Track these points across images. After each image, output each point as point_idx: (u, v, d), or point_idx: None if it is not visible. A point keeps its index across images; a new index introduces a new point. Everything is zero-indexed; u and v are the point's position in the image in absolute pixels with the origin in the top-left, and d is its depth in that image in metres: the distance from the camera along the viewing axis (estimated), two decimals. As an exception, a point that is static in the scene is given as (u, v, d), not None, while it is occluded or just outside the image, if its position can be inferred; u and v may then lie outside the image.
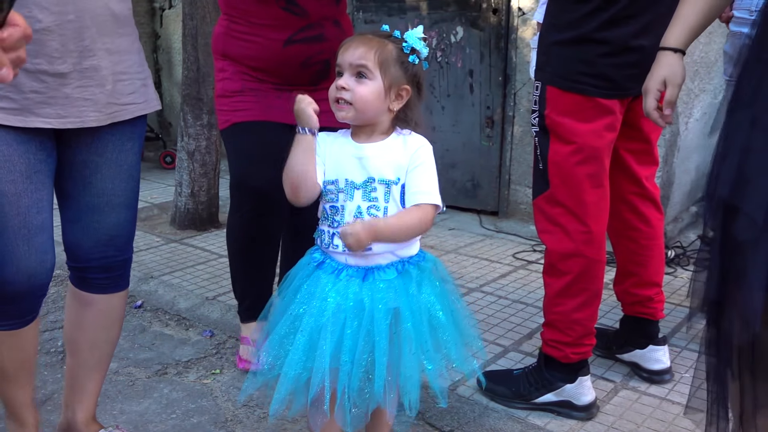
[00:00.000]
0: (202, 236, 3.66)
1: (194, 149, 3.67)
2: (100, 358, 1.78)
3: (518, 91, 3.72)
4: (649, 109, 1.59)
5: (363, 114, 1.40)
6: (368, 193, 1.41)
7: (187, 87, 3.64)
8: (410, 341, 1.37)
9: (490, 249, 3.46)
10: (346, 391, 1.35)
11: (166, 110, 6.22)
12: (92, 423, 1.80)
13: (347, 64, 1.39)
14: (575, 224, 1.83)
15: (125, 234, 1.70)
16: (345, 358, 1.35)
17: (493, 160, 3.89)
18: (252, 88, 2.06)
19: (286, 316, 1.42)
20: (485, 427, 1.90)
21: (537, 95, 1.86)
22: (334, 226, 1.43)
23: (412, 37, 1.41)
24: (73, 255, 1.66)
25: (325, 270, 1.43)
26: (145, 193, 4.59)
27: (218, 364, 2.33)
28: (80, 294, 1.72)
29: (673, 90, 1.55)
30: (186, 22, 3.61)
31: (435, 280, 1.46)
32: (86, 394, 1.78)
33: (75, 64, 1.46)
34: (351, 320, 1.37)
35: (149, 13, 6.09)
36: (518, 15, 3.65)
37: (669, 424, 1.90)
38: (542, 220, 1.90)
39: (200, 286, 2.93)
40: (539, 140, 1.87)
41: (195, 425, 1.96)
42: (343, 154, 1.44)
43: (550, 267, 1.90)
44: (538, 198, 1.90)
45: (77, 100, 1.48)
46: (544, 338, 1.95)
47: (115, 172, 1.63)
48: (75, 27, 1.45)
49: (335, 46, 1.89)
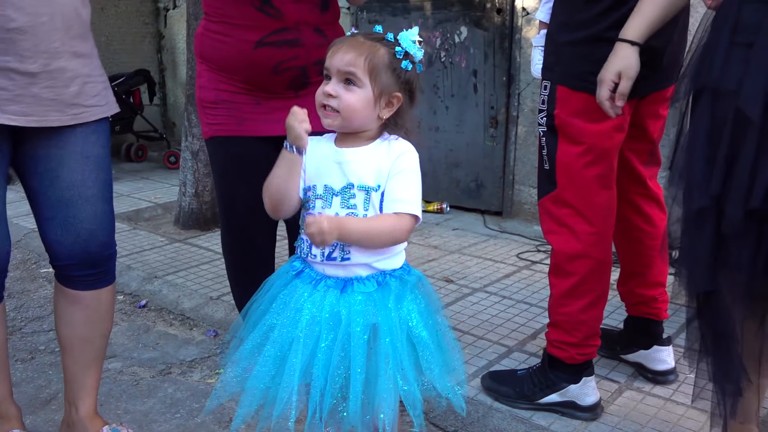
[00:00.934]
0: (206, 236, 3.67)
1: (198, 149, 3.68)
2: (95, 353, 1.79)
3: (522, 91, 3.72)
4: (602, 99, 1.63)
5: (350, 122, 1.33)
6: (347, 200, 1.34)
7: (191, 87, 3.64)
8: (387, 358, 1.29)
9: (494, 249, 3.46)
10: (318, 409, 1.27)
11: (170, 110, 6.23)
12: (95, 418, 1.80)
13: (335, 70, 1.31)
14: (583, 225, 1.82)
15: (104, 227, 1.70)
16: (318, 374, 1.28)
17: (497, 160, 3.89)
18: (225, 99, 1.96)
19: (260, 325, 1.37)
20: (489, 427, 1.90)
21: (546, 95, 1.84)
22: None
23: (405, 39, 1.33)
24: (55, 253, 1.67)
25: (303, 279, 1.37)
26: (149, 193, 4.60)
27: (222, 363, 2.33)
28: (67, 291, 1.73)
29: (626, 82, 1.59)
30: (190, 22, 3.62)
31: (418, 296, 1.38)
32: (86, 389, 1.79)
33: (44, 65, 1.51)
34: (326, 333, 1.30)
35: (153, 13, 6.10)
36: (522, 15, 3.65)
37: (674, 425, 1.89)
38: (548, 220, 1.89)
39: (204, 286, 2.93)
40: (547, 140, 1.86)
41: (199, 425, 1.96)
42: (323, 159, 1.38)
43: (556, 268, 1.89)
44: (544, 198, 1.89)
45: (44, 99, 1.52)
46: (548, 339, 1.95)
47: (82, 163, 1.63)
48: (47, 29, 1.49)
49: (314, 54, 1.82)
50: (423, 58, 1.37)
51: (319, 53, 1.87)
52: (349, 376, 1.27)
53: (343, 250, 1.35)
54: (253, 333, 1.37)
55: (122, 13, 5.88)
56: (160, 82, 6.14)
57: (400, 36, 1.34)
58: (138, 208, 4.24)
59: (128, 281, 3.03)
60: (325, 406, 1.27)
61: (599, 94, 1.63)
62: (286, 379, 1.29)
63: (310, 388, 1.29)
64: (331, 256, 1.36)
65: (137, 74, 5.38)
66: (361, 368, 1.27)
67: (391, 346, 1.29)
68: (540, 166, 1.91)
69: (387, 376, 1.28)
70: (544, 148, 1.87)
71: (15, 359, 2.32)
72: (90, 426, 1.77)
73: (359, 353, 1.28)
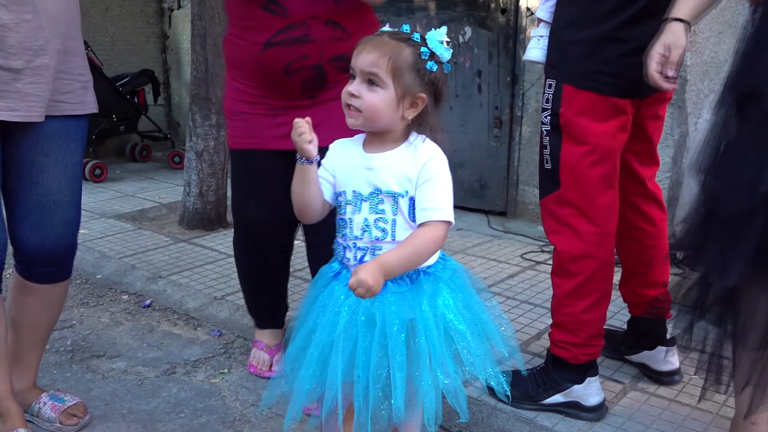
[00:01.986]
0: (210, 236, 3.67)
1: (203, 149, 3.68)
2: (42, 336, 1.92)
3: (526, 91, 3.71)
4: (650, 72, 1.58)
5: (373, 123, 1.34)
6: (375, 206, 1.36)
7: (196, 87, 3.65)
8: (425, 355, 1.31)
9: (498, 249, 3.46)
10: (362, 407, 1.31)
11: (174, 110, 6.24)
12: (33, 389, 1.94)
13: (359, 70, 1.32)
14: (587, 225, 1.82)
15: (71, 230, 1.80)
16: (360, 374, 1.31)
17: (501, 160, 3.89)
18: (242, 111, 1.94)
19: (303, 327, 1.41)
20: (493, 427, 1.89)
21: (550, 93, 1.82)
22: (345, 240, 1.40)
23: (433, 40, 1.32)
24: (21, 250, 1.75)
25: (340, 281, 1.39)
26: (154, 193, 4.61)
27: (226, 363, 2.33)
28: (25, 283, 1.82)
29: (677, 51, 1.57)
30: (195, 23, 3.62)
31: (454, 289, 1.39)
32: (27, 366, 1.92)
33: (28, 62, 1.56)
34: (363, 335, 1.32)
35: (158, 14, 6.11)
36: (527, 15, 3.65)
37: (678, 426, 1.89)
38: (551, 220, 1.89)
39: (208, 286, 2.93)
40: (550, 140, 1.84)
41: (203, 424, 1.97)
42: (352, 165, 1.39)
43: (559, 268, 1.89)
44: (546, 198, 1.89)
45: (28, 95, 1.58)
46: (552, 339, 1.94)
47: (61, 172, 1.72)
48: (32, 26, 1.55)
49: (328, 50, 1.76)
50: (451, 58, 1.36)
51: (335, 48, 1.81)
52: (390, 375, 1.30)
53: (373, 253, 1.37)
54: (298, 334, 1.41)
55: (127, 13, 5.89)
56: (164, 82, 6.15)
57: (427, 36, 1.32)
58: (142, 208, 4.25)
59: (132, 281, 3.03)
60: (369, 404, 1.30)
61: (648, 68, 1.59)
62: (330, 379, 1.32)
63: (354, 388, 1.32)
64: (363, 260, 1.37)
65: (142, 74, 5.39)
66: (401, 366, 1.29)
67: (428, 343, 1.31)
68: (541, 166, 1.90)
69: (427, 373, 1.30)
70: (547, 147, 1.85)
71: (20, 359, 2.33)
72: (28, 396, 1.91)
73: (398, 352, 1.30)
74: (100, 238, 3.60)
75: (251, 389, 2.15)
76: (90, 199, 4.38)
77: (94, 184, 4.78)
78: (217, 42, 3.57)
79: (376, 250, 1.37)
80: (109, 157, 5.56)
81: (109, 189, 4.73)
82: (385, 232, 1.36)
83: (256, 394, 2.11)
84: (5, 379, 1.76)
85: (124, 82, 5.25)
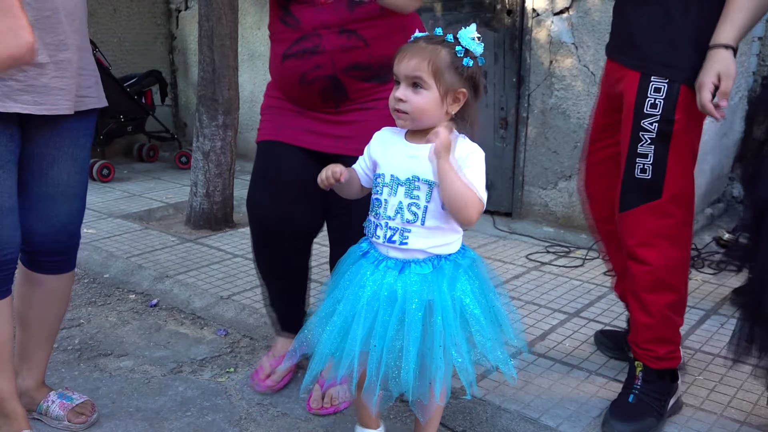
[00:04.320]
0: (216, 236, 3.69)
1: (209, 150, 3.70)
2: (49, 331, 1.93)
3: (532, 92, 3.72)
4: (705, 102, 1.61)
5: (421, 122, 1.45)
6: (411, 191, 1.46)
7: (203, 88, 3.67)
8: (440, 334, 1.40)
9: (503, 250, 3.46)
10: (375, 374, 1.41)
11: (181, 111, 6.27)
12: (42, 387, 1.95)
13: (403, 76, 1.42)
14: (688, 231, 1.81)
15: (76, 222, 1.85)
16: (376, 344, 1.42)
17: (506, 161, 3.89)
18: (273, 106, 1.99)
19: (330, 298, 1.52)
20: (498, 427, 1.90)
21: (661, 97, 1.69)
22: (377, 218, 1.50)
23: (465, 38, 1.41)
24: (27, 240, 1.78)
25: (368, 259, 1.51)
26: (161, 193, 4.63)
27: (232, 362, 2.35)
28: (30, 274, 1.85)
29: (727, 82, 1.59)
30: (202, 24, 3.64)
31: (472, 277, 1.49)
32: (35, 363, 1.93)
33: (51, 56, 1.61)
34: (384, 309, 1.43)
35: (165, 15, 6.14)
36: (533, 16, 3.65)
37: (682, 426, 1.89)
38: (641, 233, 1.79)
39: (215, 286, 2.95)
40: (655, 148, 1.72)
41: (210, 423, 1.98)
42: (394, 152, 1.50)
43: (655, 283, 1.79)
44: (634, 210, 1.79)
45: (53, 89, 1.63)
46: (654, 356, 1.87)
47: (70, 165, 1.77)
48: (51, 22, 1.60)
49: (341, 60, 1.80)
50: (483, 51, 1.44)
51: (349, 58, 1.81)
52: (404, 348, 1.41)
53: (402, 234, 1.47)
54: (325, 303, 1.53)
55: (134, 14, 5.92)
56: (171, 82, 6.18)
57: (459, 35, 1.42)
58: (150, 207, 4.27)
59: (140, 280, 3.05)
60: (380, 373, 1.42)
61: (702, 98, 1.62)
62: (348, 346, 1.44)
63: (369, 356, 1.43)
64: (392, 239, 1.47)
65: (149, 75, 5.41)
66: (414, 341, 1.40)
67: (444, 323, 1.41)
68: (629, 175, 1.78)
69: (439, 351, 1.40)
70: (648, 156, 1.74)
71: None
72: (36, 395, 1.93)
73: (413, 328, 1.40)
74: (108, 237, 3.63)
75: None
76: (97, 199, 4.41)
77: (102, 184, 4.81)
78: (224, 43, 3.60)
79: (405, 231, 1.46)
80: (117, 157, 5.59)
81: (117, 189, 4.76)
82: (416, 216, 1.46)
83: (262, 393, 2.13)
84: (11, 380, 1.77)
85: (131, 82, 5.28)
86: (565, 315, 2.61)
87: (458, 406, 1.97)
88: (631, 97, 1.75)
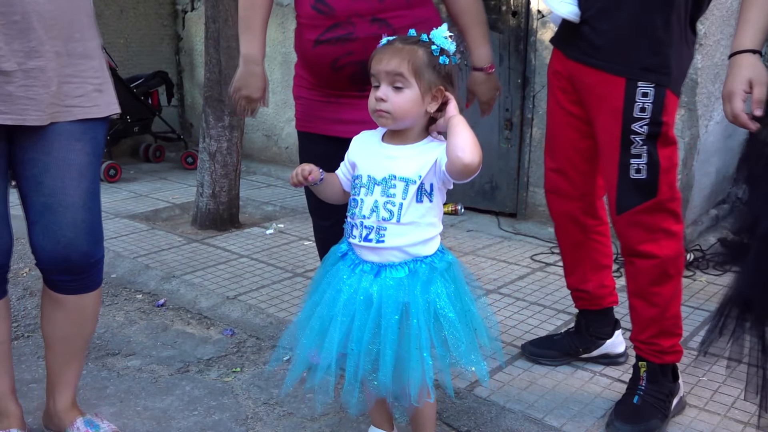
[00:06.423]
0: (222, 236, 3.71)
1: (215, 150, 3.72)
2: (74, 352, 1.84)
3: (537, 93, 3.72)
4: (737, 112, 1.54)
5: (402, 121, 1.47)
6: (387, 189, 1.48)
7: (209, 89, 3.69)
8: (416, 337, 1.43)
9: (508, 251, 3.47)
10: (353, 375, 1.45)
11: (187, 111, 6.29)
12: (71, 410, 1.86)
13: (383, 75, 1.44)
14: (678, 225, 1.83)
15: (85, 237, 1.68)
16: (353, 347, 1.45)
17: (511, 162, 3.90)
18: (302, 96, 2.08)
19: (310, 300, 1.56)
20: (502, 427, 1.91)
21: (649, 101, 1.72)
22: (353, 218, 1.53)
23: (438, 37, 1.45)
24: (38, 257, 1.69)
25: (345, 262, 1.53)
26: (167, 194, 4.65)
27: (239, 362, 2.36)
28: (51, 294, 1.76)
29: (760, 88, 1.52)
30: (208, 25, 3.66)
31: (448, 280, 1.50)
32: (64, 384, 1.84)
33: (20, 64, 1.51)
34: (360, 313, 1.45)
35: (172, 16, 6.17)
36: (537, 17, 3.66)
37: (686, 427, 1.90)
38: (639, 231, 1.82)
39: (221, 286, 2.97)
40: (648, 149, 1.75)
41: (216, 422, 2.00)
42: (373, 154, 1.53)
43: (661, 276, 1.83)
44: (631, 211, 1.81)
45: (20, 98, 1.53)
46: (658, 350, 1.89)
47: (63, 170, 1.63)
48: (21, 28, 1.50)
49: (372, 47, 1.87)
50: (456, 49, 1.48)
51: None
52: (381, 351, 1.43)
53: (378, 233, 1.48)
54: (306, 306, 1.57)
55: (141, 15, 5.94)
56: (177, 83, 6.20)
57: (432, 35, 1.46)
58: (156, 208, 4.29)
59: (146, 280, 3.07)
60: (358, 375, 1.45)
61: (734, 107, 1.54)
62: (326, 349, 1.47)
63: (347, 359, 1.46)
64: (368, 237, 1.49)
65: (155, 76, 5.44)
66: (391, 344, 1.43)
67: (419, 326, 1.43)
68: (624, 177, 1.80)
69: (416, 353, 1.42)
70: (642, 157, 1.77)
71: (37, 356, 2.37)
72: (65, 418, 1.84)
73: (390, 331, 1.43)
74: (115, 237, 3.65)
75: (263, 388, 2.18)
76: (104, 199, 4.40)
77: (109, 185, 4.84)
78: (230, 44, 3.61)
79: (381, 230, 1.48)
80: (124, 158, 5.61)
81: (123, 189, 4.79)
82: (391, 213, 1.48)
83: (268, 392, 2.14)
84: (4, 380, 1.75)
85: (138, 83, 5.31)
86: (570, 316, 2.61)
87: (463, 406, 1.98)
88: (617, 102, 1.76)
